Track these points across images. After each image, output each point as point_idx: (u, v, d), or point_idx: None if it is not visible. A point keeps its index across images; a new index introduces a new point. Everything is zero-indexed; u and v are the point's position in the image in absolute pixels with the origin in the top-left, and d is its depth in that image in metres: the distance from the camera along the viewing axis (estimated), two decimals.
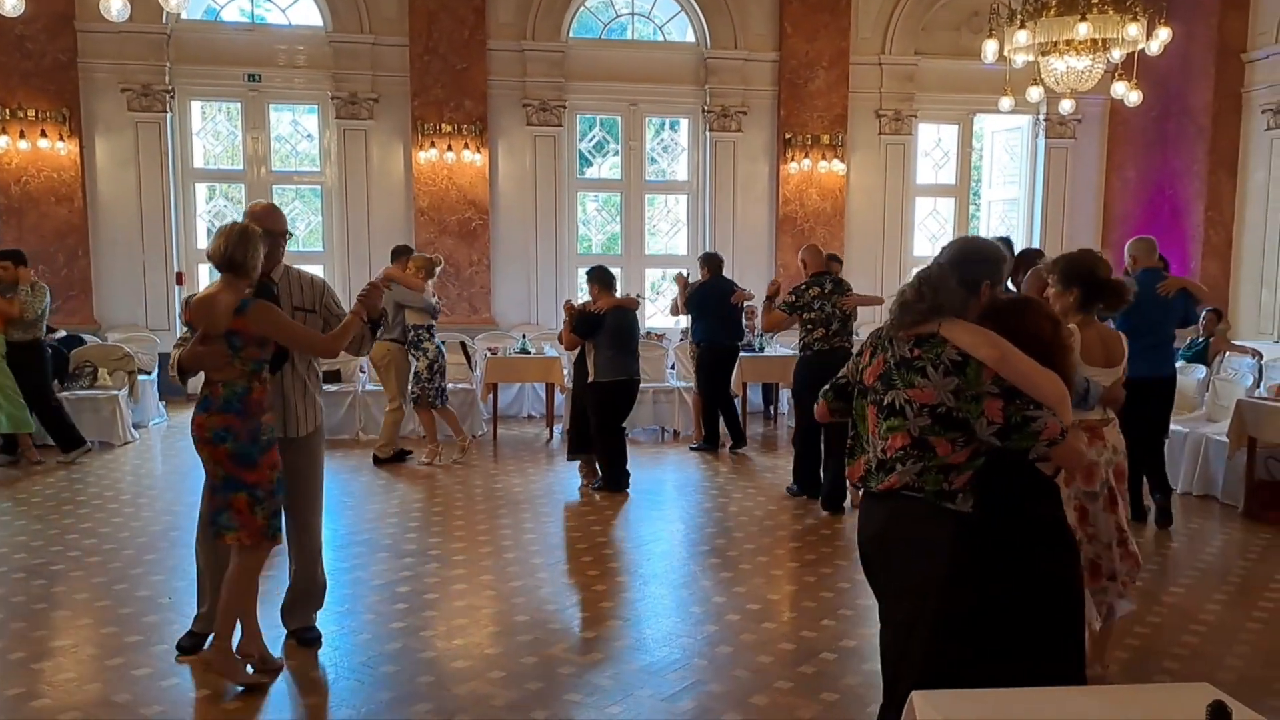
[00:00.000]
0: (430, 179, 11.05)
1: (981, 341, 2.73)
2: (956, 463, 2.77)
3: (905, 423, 2.80)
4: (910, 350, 2.81)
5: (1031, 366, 2.73)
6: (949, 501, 2.78)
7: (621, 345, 7.33)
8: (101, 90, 10.73)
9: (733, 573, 5.62)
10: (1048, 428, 2.69)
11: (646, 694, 4.05)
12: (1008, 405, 2.68)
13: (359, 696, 4.02)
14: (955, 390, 2.72)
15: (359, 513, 6.89)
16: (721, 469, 8.38)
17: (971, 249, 3.06)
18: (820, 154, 11.48)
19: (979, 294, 2.89)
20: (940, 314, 2.79)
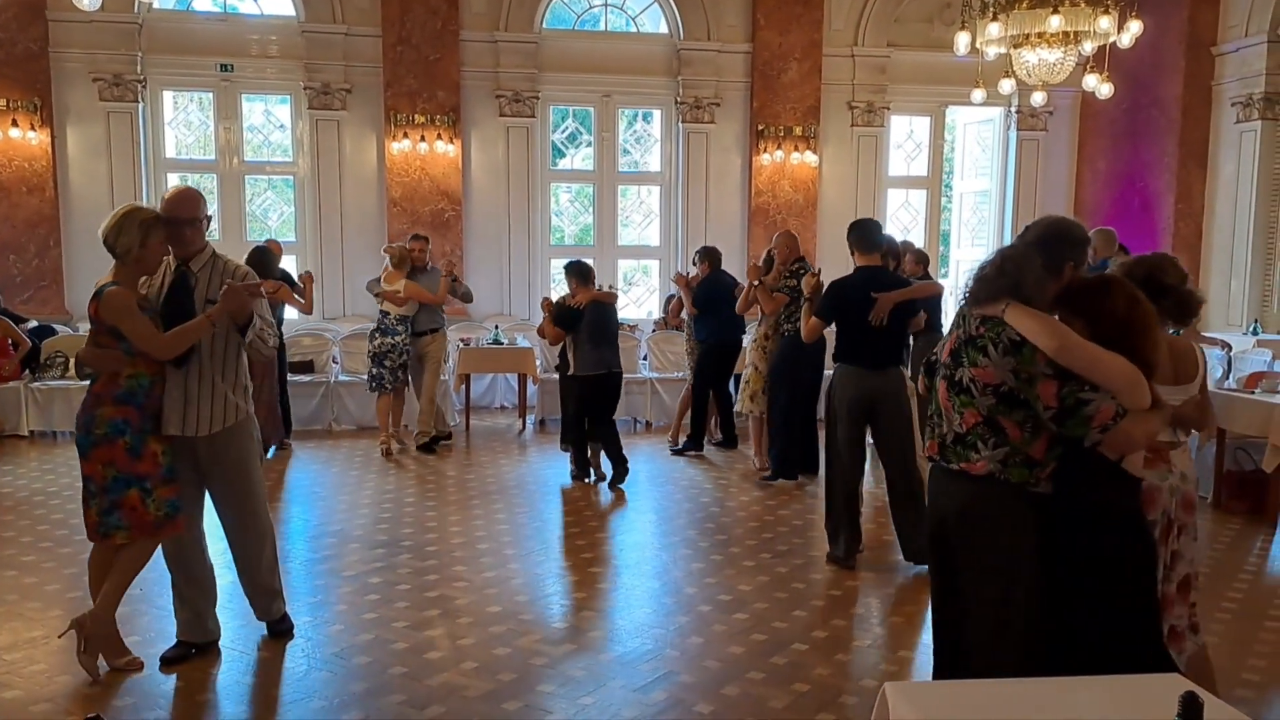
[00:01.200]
0: (403, 170, 11.01)
1: (1042, 329, 2.71)
2: (1038, 457, 2.78)
3: (974, 401, 2.82)
4: (976, 328, 2.83)
5: (1094, 353, 2.68)
6: (1033, 485, 2.81)
7: (600, 339, 7.34)
8: (73, 80, 10.61)
9: (704, 564, 5.67)
10: (1100, 412, 2.66)
11: (619, 684, 4.07)
12: (1062, 387, 2.67)
13: (331, 688, 4.02)
14: (1014, 370, 2.73)
15: (331, 504, 6.90)
16: (694, 460, 8.42)
17: (1061, 229, 3.03)
18: (793, 145, 11.52)
19: (1061, 275, 2.87)
20: (1018, 292, 2.78)
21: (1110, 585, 2.81)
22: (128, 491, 3.92)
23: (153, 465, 3.95)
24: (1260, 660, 4.43)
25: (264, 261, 8.20)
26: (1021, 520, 2.81)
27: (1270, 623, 4.88)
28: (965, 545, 2.95)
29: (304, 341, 9.78)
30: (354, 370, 9.74)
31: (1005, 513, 2.83)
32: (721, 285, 8.43)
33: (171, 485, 4.02)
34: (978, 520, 2.88)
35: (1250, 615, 4.97)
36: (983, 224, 12.75)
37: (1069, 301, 2.83)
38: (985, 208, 12.77)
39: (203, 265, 4.07)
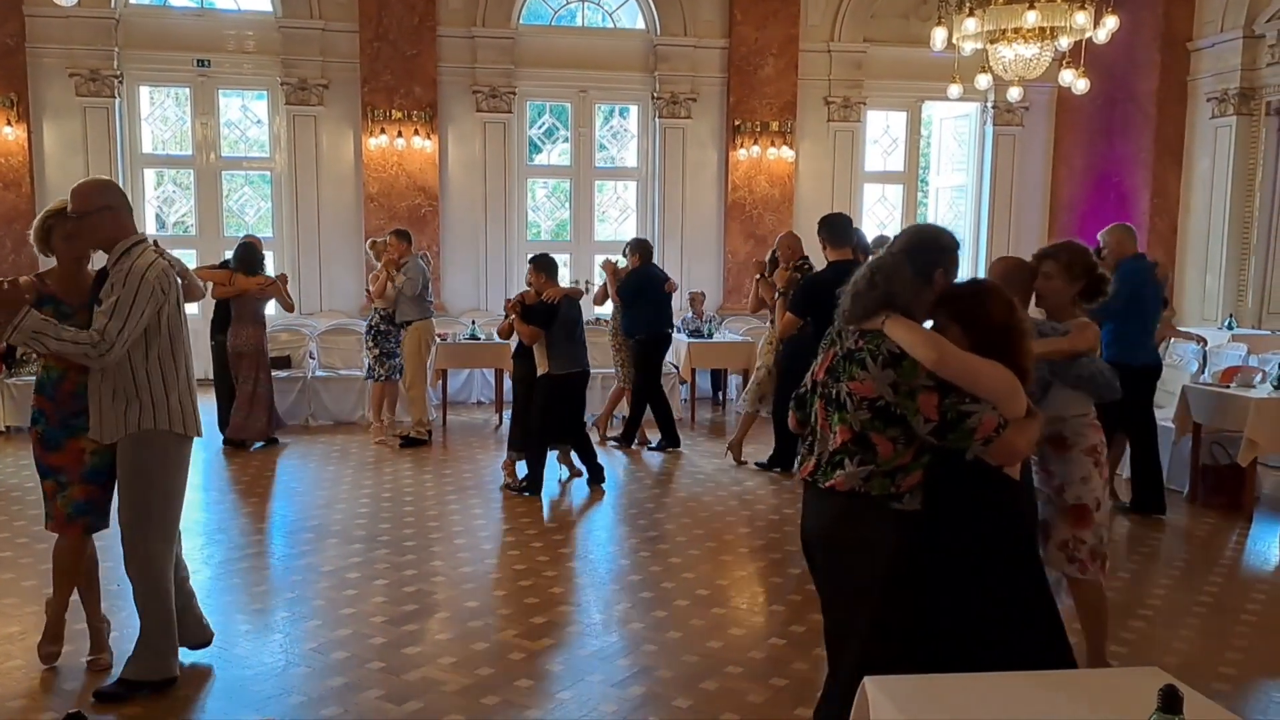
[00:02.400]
0: (380, 165, 10.98)
1: (920, 341, 2.68)
2: (902, 464, 2.74)
3: (848, 416, 2.76)
4: (855, 342, 2.79)
5: (974, 364, 2.67)
6: (896, 502, 2.76)
7: (574, 335, 7.08)
8: (49, 75, 10.53)
9: (681, 558, 5.67)
10: (983, 424, 2.63)
11: (597, 679, 4.08)
12: (943, 400, 2.64)
13: (310, 683, 4.02)
14: (893, 384, 2.68)
15: (308, 499, 6.89)
16: (671, 456, 8.44)
17: (926, 236, 3.00)
18: (769, 141, 11.56)
19: (933, 282, 2.85)
20: (892, 304, 2.76)
21: (1001, 584, 2.82)
22: (44, 481, 3.91)
23: (73, 461, 3.84)
24: (1236, 654, 4.45)
25: (250, 256, 8.21)
26: (880, 542, 2.78)
27: (1247, 616, 4.93)
28: (827, 564, 2.96)
29: (281, 337, 9.73)
30: (331, 365, 9.72)
31: (865, 534, 2.79)
32: (651, 279, 8.39)
33: (88, 487, 3.89)
34: (838, 540, 2.87)
35: (1226, 610, 5.01)
36: (959, 219, 12.83)
37: (945, 308, 2.81)
38: (962, 203, 12.85)
39: (114, 262, 3.78)
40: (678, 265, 11.83)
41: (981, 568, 2.82)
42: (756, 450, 8.04)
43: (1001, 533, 2.84)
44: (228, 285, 8.09)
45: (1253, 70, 10.56)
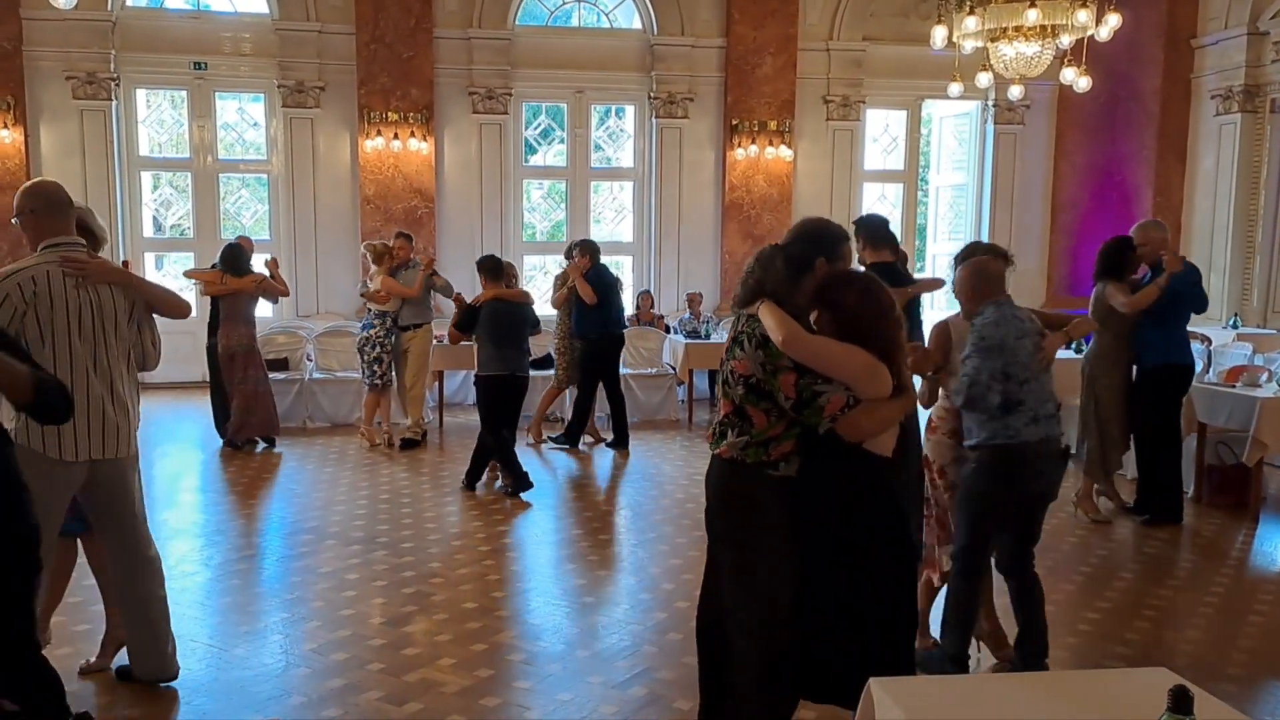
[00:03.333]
0: (376, 167, 10.96)
1: (773, 324, 2.89)
2: (774, 435, 2.96)
3: (730, 392, 3.03)
4: (741, 325, 3.03)
5: (820, 347, 2.89)
6: (771, 469, 2.99)
7: (502, 339, 7.01)
8: (46, 78, 10.51)
9: (681, 560, 5.64)
10: (831, 403, 2.84)
11: (597, 681, 4.07)
12: (799, 379, 2.86)
13: (310, 684, 4.02)
14: (762, 364, 2.91)
15: (306, 501, 6.87)
16: (666, 454, 8.43)
17: (806, 228, 3.21)
18: (767, 140, 11.53)
19: (813, 270, 3.02)
20: (763, 292, 2.98)
21: (863, 565, 2.95)
22: None
23: None
24: (1244, 655, 4.44)
25: (236, 257, 8.16)
26: (764, 500, 2.99)
27: (1254, 617, 4.90)
28: (717, 525, 3.16)
29: (278, 339, 9.71)
30: (328, 368, 9.68)
31: (748, 492, 3.02)
32: (606, 280, 8.46)
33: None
34: (725, 500, 3.09)
35: (1233, 610, 4.98)
36: (960, 218, 12.80)
37: (817, 294, 3.00)
38: (962, 202, 12.82)
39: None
40: (674, 266, 11.82)
41: (841, 539, 2.96)
42: None
43: (861, 505, 2.97)
44: (220, 284, 8.04)
45: (1257, 67, 10.52)
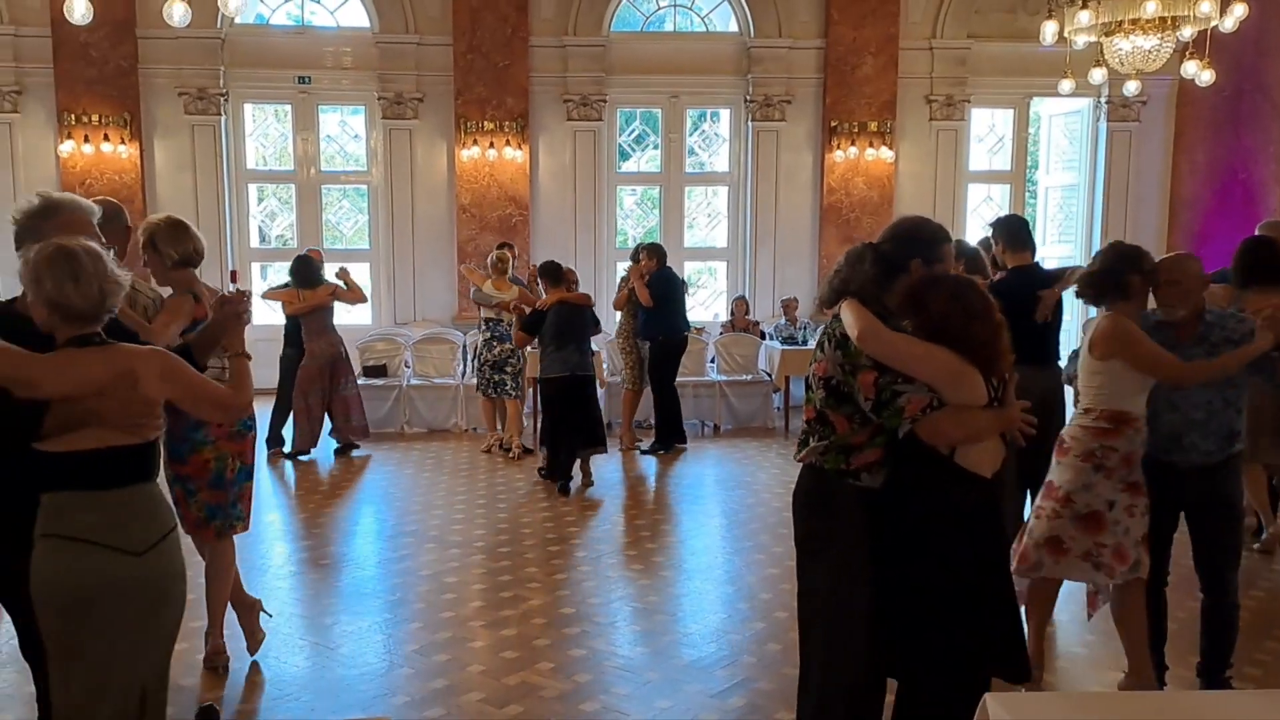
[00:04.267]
0: (472, 176, 11.08)
1: (852, 319, 2.81)
2: (856, 443, 2.85)
3: (812, 395, 2.95)
4: (828, 327, 2.97)
5: (900, 342, 2.77)
6: (852, 479, 2.88)
7: (565, 341, 7.26)
8: (160, 95, 10.91)
9: (779, 569, 5.51)
10: (911, 403, 2.72)
11: (696, 689, 4.03)
12: (879, 378, 2.75)
13: (413, 684, 4.07)
14: (841, 364, 2.82)
15: (406, 505, 6.94)
16: (762, 462, 8.28)
17: (901, 227, 3.08)
18: (867, 141, 11.29)
19: (907, 272, 2.90)
20: (847, 291, 2.90)
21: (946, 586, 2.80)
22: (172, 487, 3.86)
23: (198, 470, 3.92)
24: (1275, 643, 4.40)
25: (306, 270, 8.24)
26: (842, 510, 2.89)
27: None
28: (797, 533, 3.06)
29: (377, 346, 9.88)
30: (425, 374, 9.79)
31: (827, 501, 2.93)
32: (673, 282, 8.52)
33: (214, 493, 3.98)
34: (804, 508, 3.02)
35: None
36: (1070, 220, 12.32)
37: (905, 297, 2.87)
38: (1073, 202, 12.34)
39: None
40: (770, 271, 11.66)
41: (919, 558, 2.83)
42: None
43: (944, 524, 2.82)
44: (299, 302, 8.15)
45: None
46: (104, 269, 2.48)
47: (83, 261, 2.44)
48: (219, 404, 2.71)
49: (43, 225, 2.73)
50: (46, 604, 2.45)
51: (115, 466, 2.48)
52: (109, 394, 2.43)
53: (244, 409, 2.98)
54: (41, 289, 2.42)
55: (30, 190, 10.60)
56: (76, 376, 2.42)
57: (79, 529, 2.43)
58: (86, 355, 2.46)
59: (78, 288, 2.42)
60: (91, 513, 2.44)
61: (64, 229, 2.68)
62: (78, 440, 2.43)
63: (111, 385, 2.43)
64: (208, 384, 2.71)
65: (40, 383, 2.40)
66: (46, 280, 2.41)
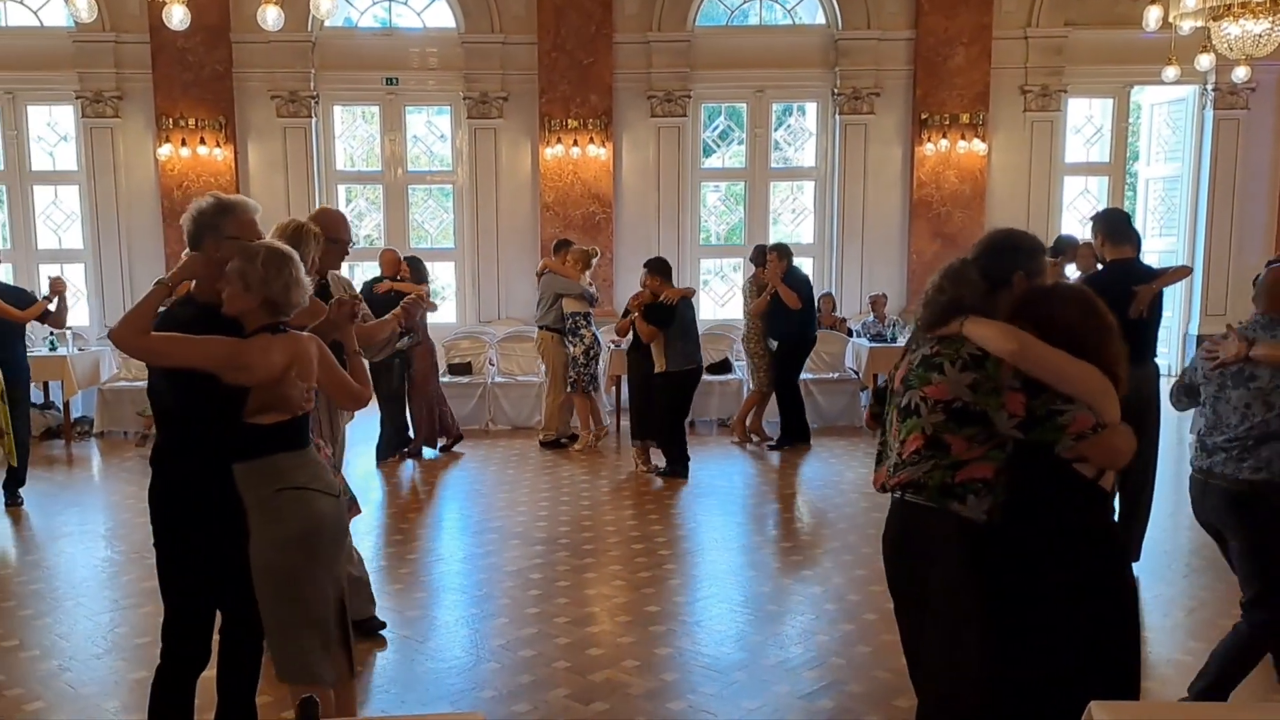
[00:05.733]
0: (556, 174, 11.12)
1: (998, 334, 2.60)
2: (970, 458, 2.65)
3: (920, 422, 2.68)
4: (931, 348, 2.73)
5: (1058, 359, 2.57)
6: (956, 501, 2.64)
7: (690, 334, 7.59)
8: (253, 98, 11.21)
9: (867, 570, 5.39)
10: (1076, 421, 2.52)
11: (784, 690, 3.97)
12: (1031, 400, 2.55)
13: (500, 679, 4.09)
14: (973, 384, 2.60)
15: (491, 501, 6.99)
16: (850, 461, 8.11)
17: (1007, 238, 2.95)
18: (959, 134, 10.99)
19: (1010, 285, 2.77)
20: (960, 309, 2.69)
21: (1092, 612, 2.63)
22: None
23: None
24: None
25: (420, 269, 8.50)
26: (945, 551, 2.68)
27: None
28: (896, 575, 2.88)
29: (462, 344, 9.99)
30: (510, 372, 9.85)
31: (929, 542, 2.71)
32: (806, 281, 8.56)
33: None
34: (904, 549, 2.81)
35: None
36: (1172, 212, 11.82)
37: (1022, 311, 2.69)
38: (1175, 194, 11.83)
39: (334, 278, 4.28)
40: (857, 267, 11.45)
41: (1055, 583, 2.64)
42: None
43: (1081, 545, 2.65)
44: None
45: None
46: (303, 272, 2.92)
47: (297, 264, 2.87)
48: (352, 394, 3.17)
49: (221, 223, 2.96)
50: (291, 543, 2.85)
51: (305, 429, 2.96)
52: (290, 377, 2.82)
53: (368, 399, 3.30)
54: (268, 287, 2.79)
55: (132, 193, 11.10)
56: (275, 360, 2.80)
57: (305, 480, 2.90)
58: (279, 342, 2.83)
59: (299, 289, 2.86)
60: (307, 468, 2.92)
61: (240, 226, 2.97)
62: (267, 415, 2.82)
63: (291, 366, 2.83)
64: (345, 374, 3.16)
65: (253, 366, 2.76)
66: (275, 282, 2.79)
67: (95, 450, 8.85)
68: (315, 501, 2.89)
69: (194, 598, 2.99)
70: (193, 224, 3.01)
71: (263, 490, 2.84)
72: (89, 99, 10.90)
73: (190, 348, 2.78)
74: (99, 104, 10.93)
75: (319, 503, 2.90)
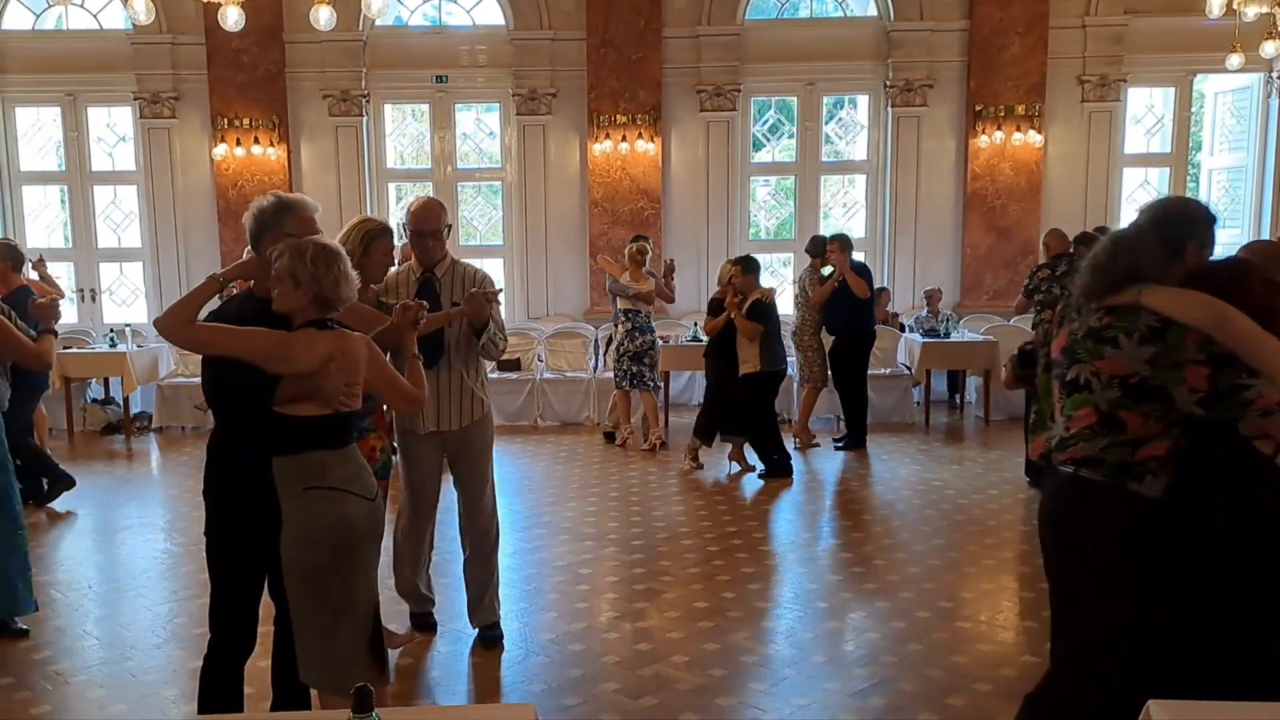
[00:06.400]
0: (604, 170, 11.11)
1: (1192, 304, 2.47)
2: (1148, 435, 2.55)
3: (1092, 397, 2.59)
4: (1100, 319, 2.61)
5: (1256, 330, 2.44)
6: (1134, 480, 2.55)
7: (778, 334, 7.49)
8: (306, 98, 11.35)
9: (919, 568, 5.35)
10: (1262, 397, 2.41)
11: (834, 688, 3.93)
12: (1216, 374, 2.44)
13: (549, 672, 4.10)
14: (1151, 359, 2.50)
15: (539, 497, 7.01)
16: (902, 459, 8.02)
17: (1175, 207, 2.81)
18: (1014, 125, 10.78)
19: (1183, 256, 2.63)
20: (1138, 279, 2.57)
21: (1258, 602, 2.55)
22: None
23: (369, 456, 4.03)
24: None
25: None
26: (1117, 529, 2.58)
27: None
28: (1059, 554, 2.77)
29: (510, 341, 9.97)
30: (558, 368, 9.88)
31: (1099, 519, 2.60)
32: (863, 274, 8.32)
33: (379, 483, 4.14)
34: (1070, 527, 2.69)
35: None
36: (1236, 203, 11.48)
37: (1204, 285, 2.55)
38: (1240, 185, 11.50)
39: (444, 271, 4.29)
40: (910, 261, 11.29)
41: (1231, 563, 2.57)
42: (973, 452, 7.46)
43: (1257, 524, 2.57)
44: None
45: None
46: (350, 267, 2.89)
47: (345, 261, 2.86)
48: (405, 396, 3.09)
49: (282, 220, 3.02)
50: (317, 543, 2.79)
51: (347, 428, 2.91)
52: (329, 370, 2.78)
53: (422, 402, 3.25)
54: (318, 284, 2.78)
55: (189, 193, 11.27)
56: (317, 353, 2.77)
57: (338, 480, 2.83)
58: (325, 337, 2.82)
59: (348, 285, 2.84)
60: (343, 467, 2.86)
61: (300, 224, 3.02)
62: (300, 408, 2.79)
63: (334, 363, 2.79)
64: (398, 375, 3.09)
65: (296, 359, 2.75)
66: (325, 278, 2.78)
67: (154, 445, 9.05)
68: (344, 503, 2.82)
69: (236, 586, 3.03)
70: (254, 222, 3.05)
71: (294, 486, 2.81)
72: (146, 100, 11.13)
73: (233, 338, 2.80)
74: (156, 105, 11.15)
75: (349, 505, 2.82)
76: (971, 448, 8.49)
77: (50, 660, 4.27)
